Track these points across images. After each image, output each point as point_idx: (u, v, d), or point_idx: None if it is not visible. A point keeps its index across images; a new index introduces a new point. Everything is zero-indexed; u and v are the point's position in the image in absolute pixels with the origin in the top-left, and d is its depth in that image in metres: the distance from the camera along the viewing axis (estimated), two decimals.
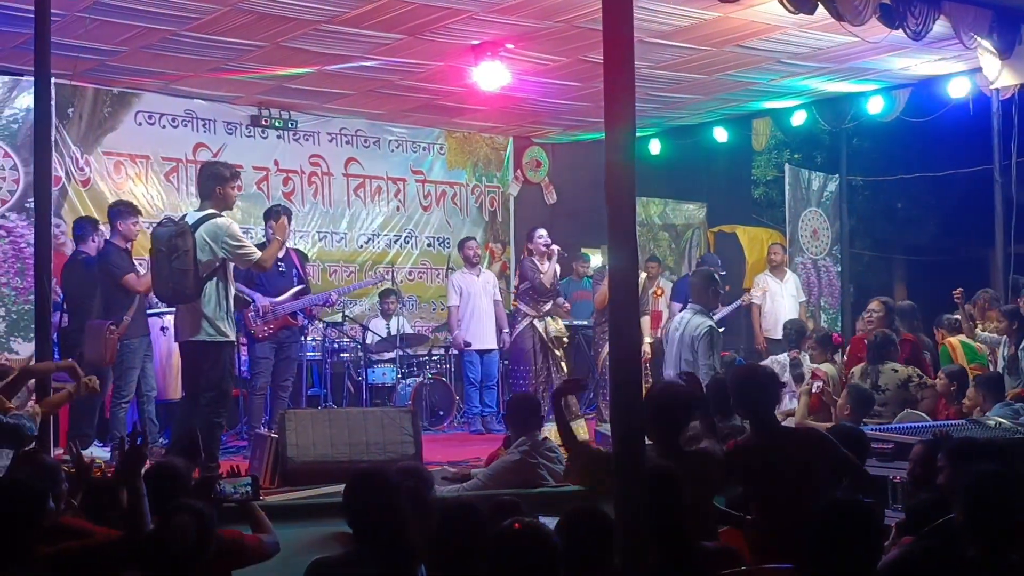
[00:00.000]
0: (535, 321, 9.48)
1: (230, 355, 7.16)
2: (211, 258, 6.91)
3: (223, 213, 7.10)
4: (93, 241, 8.62)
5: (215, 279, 6.95)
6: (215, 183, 7.10)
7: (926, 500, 4.50)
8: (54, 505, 4.07)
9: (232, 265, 7.15)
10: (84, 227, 8.71)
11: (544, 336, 9.45)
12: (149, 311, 8.71)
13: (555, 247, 9.66)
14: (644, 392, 3.75)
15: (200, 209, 7.13)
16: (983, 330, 9.55)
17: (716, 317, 9.95)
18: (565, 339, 9.75)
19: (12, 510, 3.77)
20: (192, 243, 6.83)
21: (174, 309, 7.35)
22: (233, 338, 7.18)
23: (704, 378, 6.59)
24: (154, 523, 3.74)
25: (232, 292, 7.19)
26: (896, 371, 8.01)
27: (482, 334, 10.67)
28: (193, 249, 6.82)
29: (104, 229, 8.90)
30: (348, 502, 3.75)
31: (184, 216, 7.27)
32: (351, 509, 3.74)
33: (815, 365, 8.79)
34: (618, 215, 3.06)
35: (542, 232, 9.82)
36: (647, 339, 9.71)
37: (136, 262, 8.86)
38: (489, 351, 10.71)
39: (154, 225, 7.66)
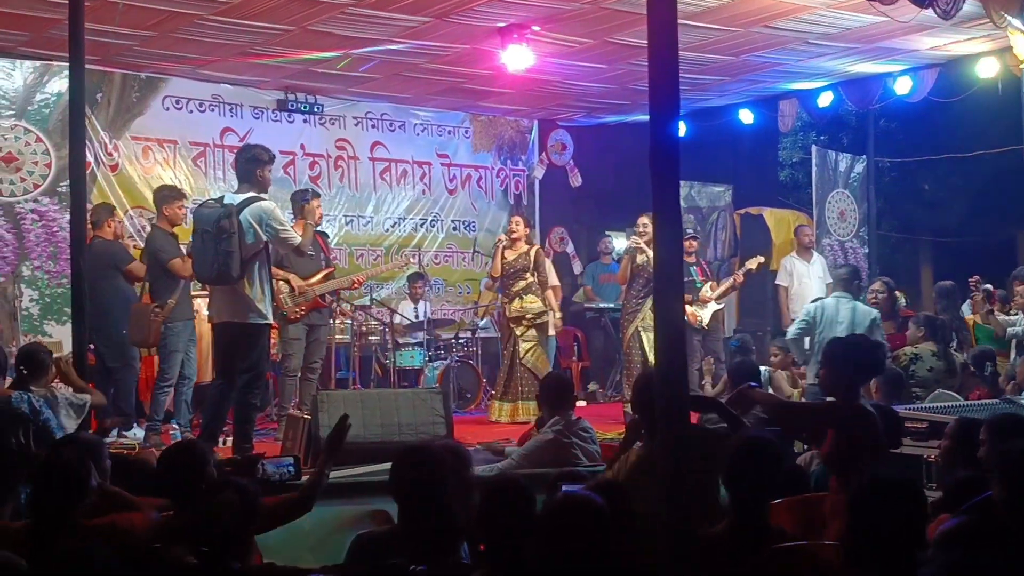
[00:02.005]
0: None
1: (268, 338, 7.23)
2: (255, 240, 6.97)
3: (264, 196, 7.13)
4: (109, 227, 8.64)
5: (257, 262, 7.01)
6: (255, 166, 7.14)
7: (963, 478, 4.48)
8: (96, 482, 4.12)
9: (270, 248, 7.20)
10: (100, 213, 8.76)
11: (507, 315, 9.93)
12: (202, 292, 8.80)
13: (501, 236, 10.30)
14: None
15: (239, 192, 7.15)
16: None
17: (713, 296, 10.24)
18: (526, 317, 9.89)
19: (58, 486, 3.84)
20: (239, 225, 6.88)
21: (206, 292, 7.40)
22: (272, 321, 7.25)
23: None
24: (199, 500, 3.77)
25: (270, 275, 7.25)
26: None
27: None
28: (239, 231, 6.87)
29: (129, 215, 8.97)
30: (394, 478, 3.77)
31: (222, 197, 7.29)
32: (397, 485, 3.76)
33: None
34: (663, 194, 3.04)
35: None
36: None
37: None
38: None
39: (195, 206, 7.70)
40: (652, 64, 3.15)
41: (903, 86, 10.93)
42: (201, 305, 8.55)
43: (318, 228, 9.52)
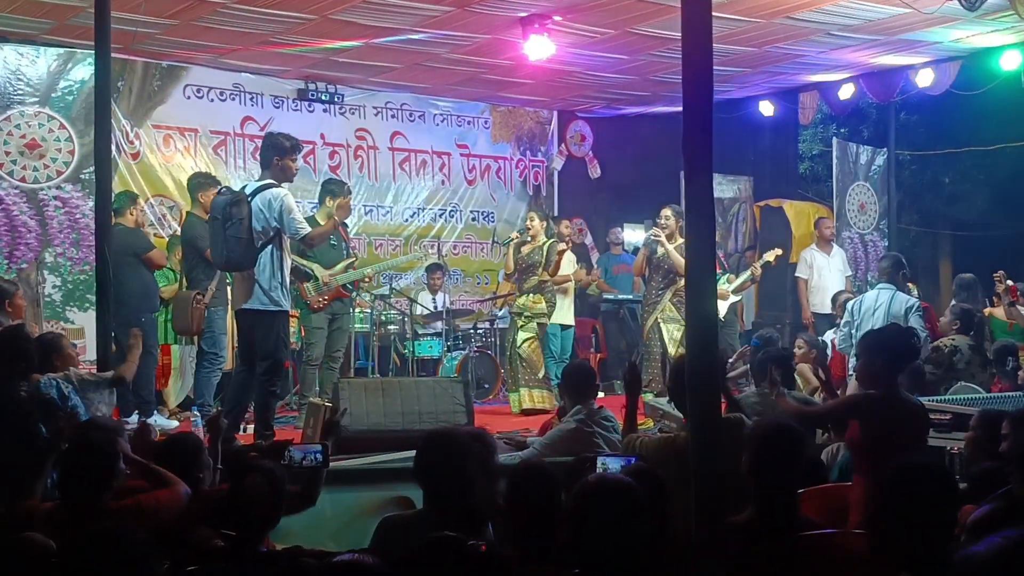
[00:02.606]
0: None
1: (284, 325, 7.20)
2: (265, 227, 7.00)
3: (283, 185, 7.15)
4: (131, 215, 8.70)
5: (270, 248, 7.02)
6: (273, 153, 7.17)
7: (987, 469, 4.48)
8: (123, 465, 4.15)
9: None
10: (123, 200, 8.79)
11: (512, 308, 10.03)
12: None
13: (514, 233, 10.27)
14: None
15: (260, 179, 7.24)
16: None
17: (731, 288, 10.30)
18: (524, 315, 9.98)
19: (86, 468, 3.87)
20: (248, 212, 6.90)
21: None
22: (287, 308, 7.23)
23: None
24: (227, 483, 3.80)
25: (288, 263, 7.26)
26: None
27: (566, 310, 10.81)
28: (248, 218, 6.90)
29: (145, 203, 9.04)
30: (420, 462, 3.79)
31: (244, 187, 7.34)
32: (422, 469, 3.78)
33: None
34: (695, 184, 3.03)
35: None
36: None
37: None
38: (568, 327, 10.88)
39: (215, 194, 7.72)
40: (686, 56, 3.14)
41: (924, 79, 10.88)
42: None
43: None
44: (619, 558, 2.87)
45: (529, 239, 10.08)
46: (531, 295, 9.95)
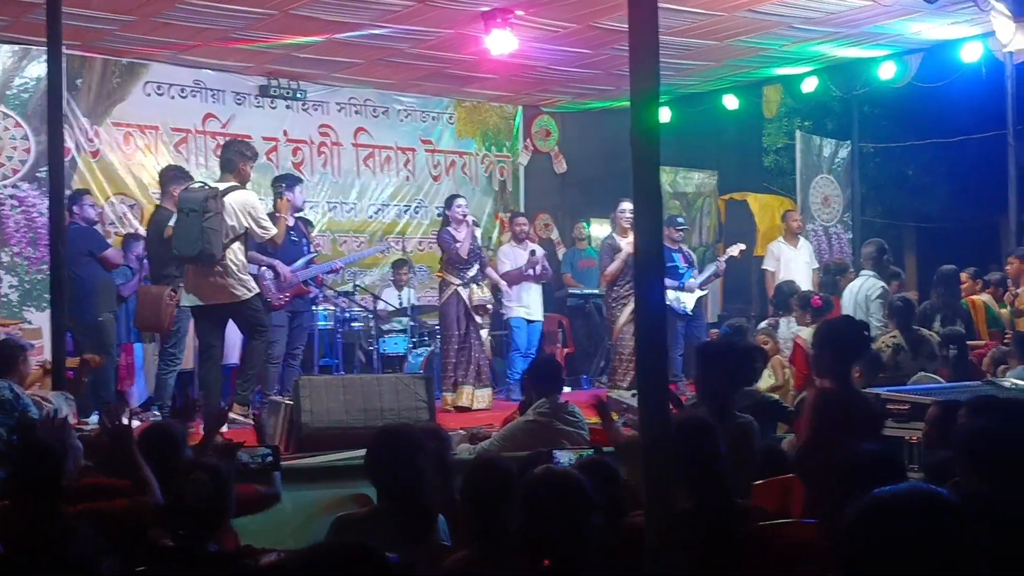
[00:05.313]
0: (460, 289, 9.63)
1: (260, 303, 7.87)
2: (234, 225, 7.53)
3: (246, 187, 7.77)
4: (80, 211, 8.64)
5: (236, 244, 7.58)
6: (239, 159, 7.76)
7: (944, 459, 4.48)
8: (73, 464, 4.09)
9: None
10: (75, 198, 8.70)
11: (468, 303, 9.63)
12: None
13: (470, 217, 9.84)
14: None
15: (222, 180, 7.71)
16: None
17: (697, 283, 10.27)
18: (489, 305, 9.95)
19: (36, 468, 3.81)
20: (222, 208, 7.42)
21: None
22: (258, 290, 7.83)
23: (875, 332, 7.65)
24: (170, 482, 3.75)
25: (246, 259, 7.79)
26: None
27: (532, 304, 10.79)
28: (222, 213, 7.42)
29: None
30: (371, 459, 3.78)
31: (204, 184, 7.76)
32: (374, 465, 3.76)
33: (797, 329, 8.77)
34: (643, 181, 3.03)
35: (461, 201, 10.00)
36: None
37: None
38: (535, 321, 10.84)
39: (182, 189, 7.95)
40: (633, 46, 3.14)
41: (887, 71, 10.94)
42: None
43: (302, 214, 9.53)
44: (565, 549, 2.87)
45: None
46: (480, 284, 9.86)
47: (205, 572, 3.23)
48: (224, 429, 5.77)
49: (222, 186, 7.59)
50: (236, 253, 7.57)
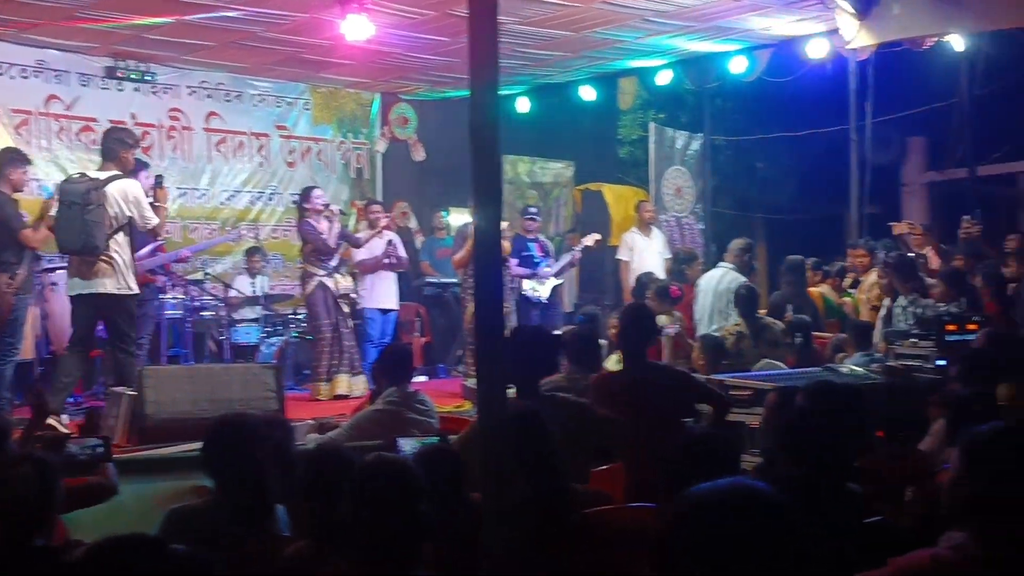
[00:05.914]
0: (324, 279, 9.64)
1: (135, 306, 7.83)
2: (118, 214, 7.44)
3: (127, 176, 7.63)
4: None
5: (120, 234, 7.49)
6: (120, 147, 7.64)
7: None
8: None
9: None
10: None
11: (334, 292, 9.66)
12: (48, 266, 8.78)
13: (333, 207, 9.92)
14: None
15: (103, 170, 7.58)
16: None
17: (552, 272, 10.45)
18: (352, 295, 10.03)
19: None
20: (104, 199, 7.34)
21: (67, 265, 7.76)
22: (137, 291, 7.75)
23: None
24: None
25: (132, 249, 7.71)
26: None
27: (386, 294, 10.72)
28: (104, 204, 7.34)
29: None
30: (207, 450, 3.69)
31: (84, 174, 7.70)
32: (210, 456, 3.68)
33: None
34: (483, 173, 3.02)
35: (319, 192, 10.05)
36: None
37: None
38: (390, 311, 10.79)
39: (62, 181, 7.99)
40: (472, 33, 3.12)
41: (738, 65, 11.16)
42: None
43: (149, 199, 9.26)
44: (395, 537, 2.86)
45: None
46: (344, 273, 9.91)
47: (26, 568, 3.11)
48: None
49: (103, 176, 7.47)
50: (122, 246, 7.50)
